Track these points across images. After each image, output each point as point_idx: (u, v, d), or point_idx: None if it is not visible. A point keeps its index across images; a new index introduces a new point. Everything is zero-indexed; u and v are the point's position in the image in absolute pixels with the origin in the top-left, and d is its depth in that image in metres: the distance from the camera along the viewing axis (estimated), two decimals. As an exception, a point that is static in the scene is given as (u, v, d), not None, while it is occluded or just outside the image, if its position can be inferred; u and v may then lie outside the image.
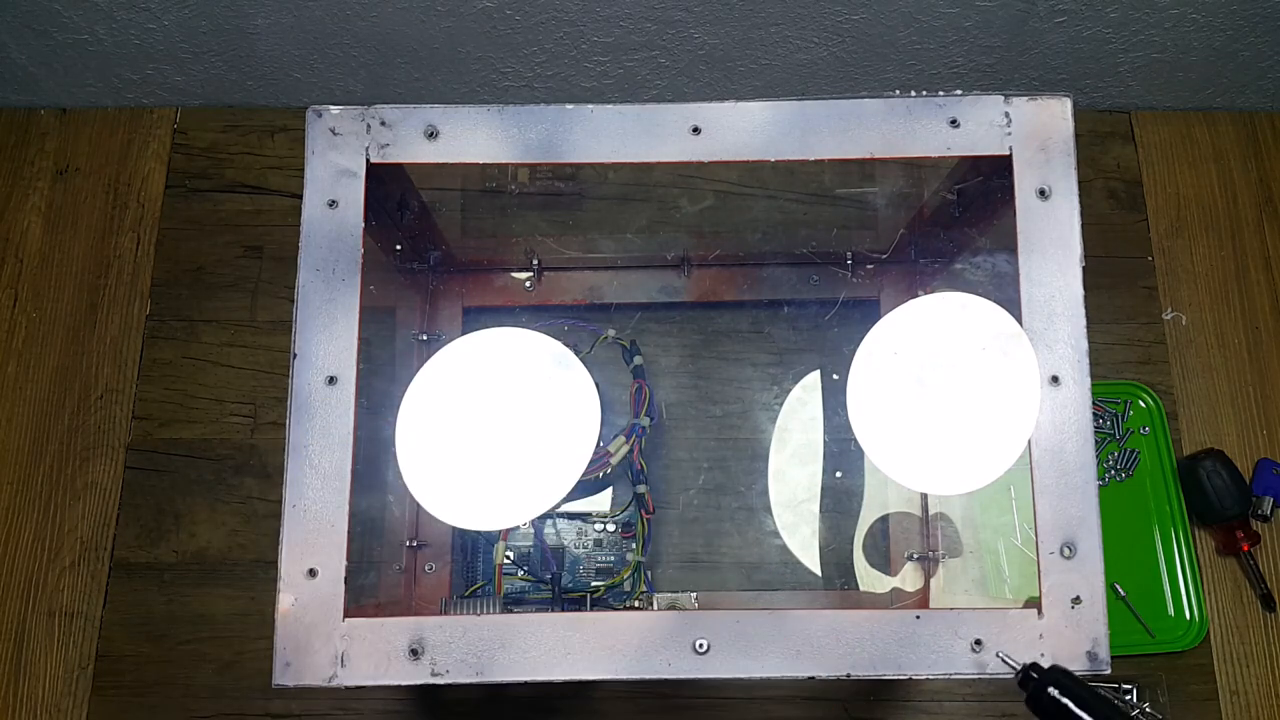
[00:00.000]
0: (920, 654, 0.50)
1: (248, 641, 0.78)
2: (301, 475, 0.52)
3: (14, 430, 0.83)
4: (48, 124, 0.92)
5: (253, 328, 0.86)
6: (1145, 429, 0.82)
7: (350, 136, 0.55)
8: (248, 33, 0.83)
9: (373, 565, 0.65)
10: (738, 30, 0.82)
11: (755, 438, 0.80)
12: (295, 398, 0.53)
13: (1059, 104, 0.55)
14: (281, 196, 0.89)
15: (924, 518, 0.77)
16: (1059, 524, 0.51)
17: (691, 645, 0.50)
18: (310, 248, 0.54)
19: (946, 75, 0.88)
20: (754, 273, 0.81)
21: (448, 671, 0.50)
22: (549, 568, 0.74)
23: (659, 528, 0.79)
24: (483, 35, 0.83)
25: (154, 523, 0.81)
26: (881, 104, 0.55)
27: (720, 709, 0.77)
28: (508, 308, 0.80)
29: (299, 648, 0.50)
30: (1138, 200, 0.90)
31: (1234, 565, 0.80)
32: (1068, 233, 0.54)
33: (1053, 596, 0.50)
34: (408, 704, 0.77)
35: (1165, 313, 0.86)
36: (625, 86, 0.89)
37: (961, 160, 0.58)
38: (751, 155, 0.55)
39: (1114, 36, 0.83)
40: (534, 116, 0.55)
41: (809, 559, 0.78)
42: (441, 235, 0.75)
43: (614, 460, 0.74)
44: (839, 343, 0.78)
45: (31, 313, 0.86)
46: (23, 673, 0.78)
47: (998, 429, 0.54)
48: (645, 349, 0.80)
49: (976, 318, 0.57)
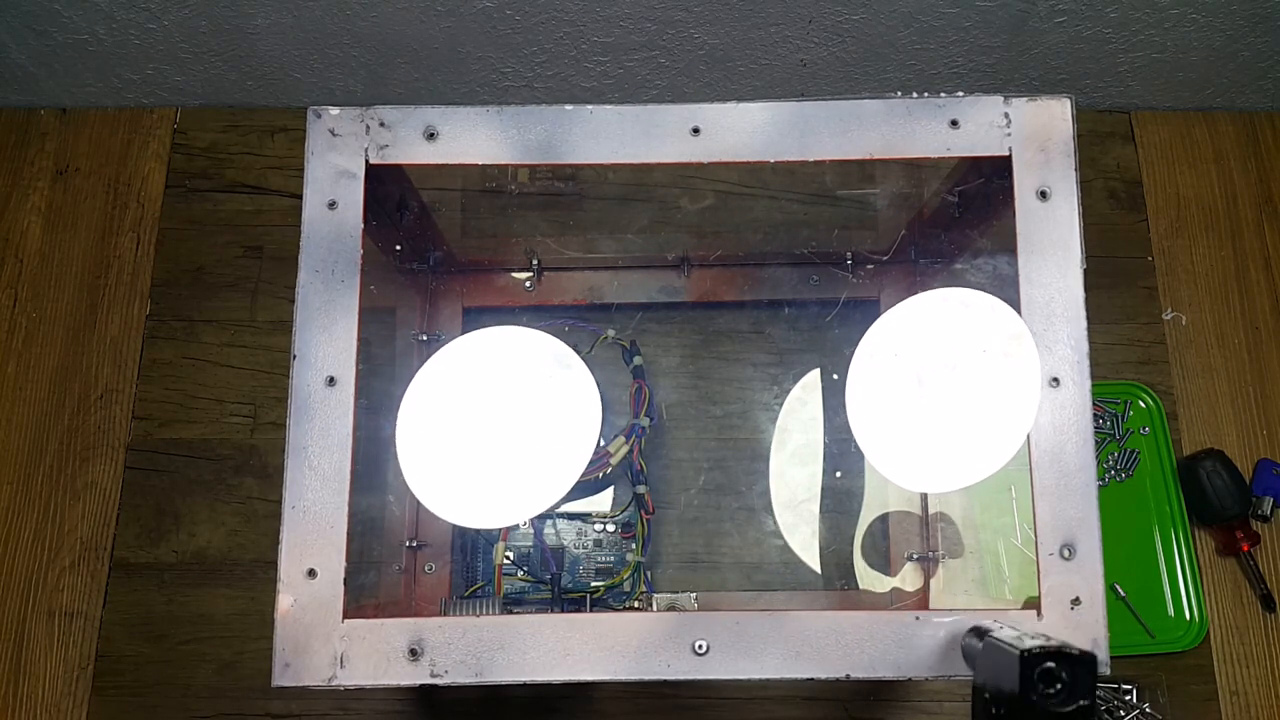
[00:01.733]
0: (920, 655, 0.50)
1: (248, 641, 0.78)
2: (301, 476, 0.52)
3: (14, 430, 0.83)
4: (48, 124, 0.92)
5: (253, 328, 0.86)
6: (1145, 429, 0.82)
7: (350, 137, 0.55)
8: (248, 33, 0.83)
9: (372, 565, 0.65)
10: (738, 30, 0.82)
11: (755, 438, 0.80)
12: (295, 398, 0.53)
13: (1059, 105, 0.55)
14: (281, 196, 0.89)
15: (924, 518, 0.77)
16: (1059, 525, 0.51)
17: (691, 646, 0.50)
18: (310, 248, 0.54)
19: (946, 75, 0.88)
20: (754, 273, 0.81)
21: (447, 672, 0.50)
22: (549, 568, 0.74)
23: (659, 528, 0.79)
24: (483, 35, 0.83)
25: (154, 523, 0.81)
26: (881, 105, 0.55)
27: (720, 709, 0.77)
28: (508, 308, 0.80)
29: (298, 648, 0.50)
30: (1138, 200, 0.90)
31: (1234, 565, 0.80)
32: (1068, 234, 0.54)
33: (1052, 597, 0.50)
34: (407, 704, 0.77)
35: (1165, 313, 0.86)
36: (625, 86, 0.89)
37: (961, 161, 0.58)
38: (751, 156, 0.55)
39: (1114, 36, 0.83)
40: (534, 117, 0.55)
41: (809, 559, 0.78)
42: (441, 235, 0.75)
43: (614, 460, 0.74)
44: (839, 343, 0.78)
45: (31, 313, 0.86)
46: (23, 673, 0.78)
47: (997, 430, 0.54)
48: (645, 349, 0.80)
49: (978, 315, 0.57)
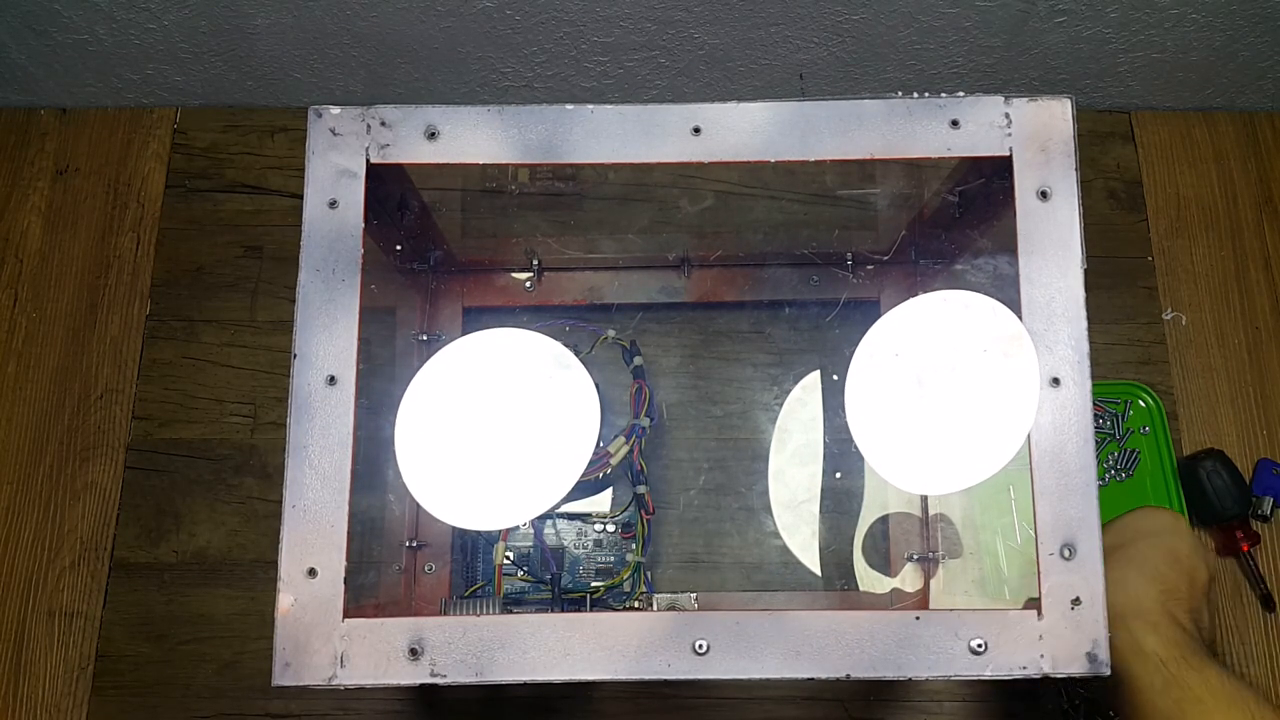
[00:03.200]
0: (920, 655, 0.50)
1: (248, 641, 0.78)
2: (301, 475, 0.52)
3: (14, 430, 0.83)
4: (48, 124, 0.92)
5: (253, 328, 0.86)
6: (1145, 429, 0.82)
7: (350, 137, 0.55)
8: (248, 33, 0.83)
9: (372, 565, 0.65)
10: (738, 30, 0.82)
11: (755, 438, 0.80)
12: (295, 398, 0.52)
13: (1059, 105, 0.55)
14: (281, 196, 0.89)
15: (924, 519, 0.77)
16: (1059, 525, 0.51)
17: (691, 646, 0.50)
18: (310, 248, 0.54)
19: (946, 75, 0.88)
20: (754, 273, 0.81)
21: (447, 672, 0.50)
22: (549, 568, 0.74)
23: (659, 528, 0.79)
24: (483, 35, 0.83)
25: (154, 523, 0.81)
26: (882, 105, 0.55)
27: (720, 709, 0.77)
28: (508, 308, 0.80)
29: (299, 648, 0.50)
30: (1138, 200, 0.90)
31: (1234, 566, 0.80)
32: (1068, 234, 0.54)
33: (1052, 598, 0.50)
34: (407, 704, 0.77)
35: (1165, 313, 0.86)
36: (625, 86, 0.89)
37: (962, 161, 0.58)
38: (751, 156, 0.55)
39: (1114, 36, 0.83)
40: (534, 117, 0.55)
41: (809, 560, 0.78)
42: (441, 235, 0.75)
43: (614, 461, 0.74)
44: (839, 343, 0.78)
45: (31, 313, 0.86)
46: (23, 673, 0.78)
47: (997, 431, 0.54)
48: (645, 349, 0.80)
49: (978, 316, 0.57)
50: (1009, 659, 0.49)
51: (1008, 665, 0.49)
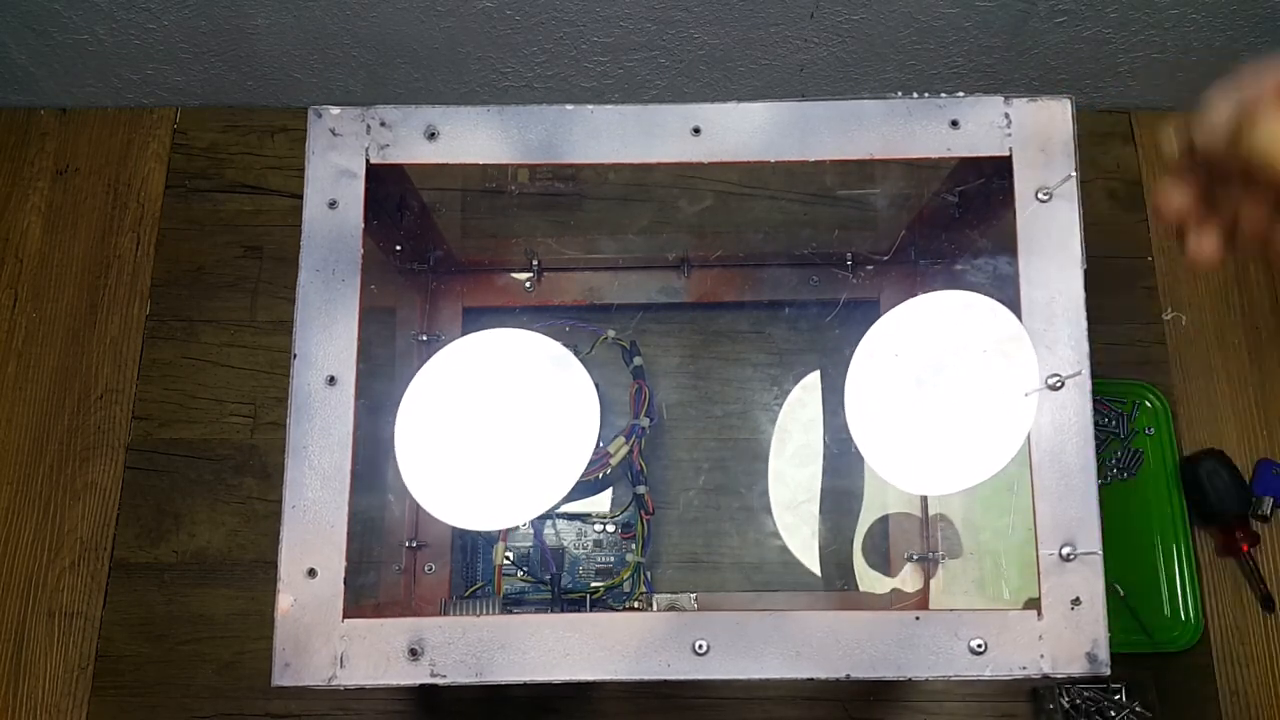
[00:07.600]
0: (920, 655, 0.50)
1: (248, 641, 0.78)
2: (301, 475, 0.52)
3: (14, 430, 0.83)
4: (48, 124, 0.92)
5: (253, 328, 0.86)
6: (1150, 430, 0.82)
7: (350, 137, 0.55)
8: (248, 33, 0.83)
9: (372, 565, 0.65)
10: (738, 30, 0.82)
11: (755, 438, 0.80)
12: (295, 398, 0.53)
13: (1059, 105, 0.55)
14: (281, 196, 0.89)
15: (924, 519, 0.77)
16: (1059, 526, 0.51)
17: (691, 646, 0.50)
18: (310, 248, 0.54)
19: (946, 75, 0.88)
20: (754, 273, 0.81)
21: (447, 672, 0.50)
22: (549, 568, 0.74)
23: (659, 528, 0.79)
24: (483, 35, 0.83)
25: (154, 523, 0.81)
26: (881, 105, 0.55)
27: (720, 709, 0.77)
28: (508, 308, 0.80)
29: (298, 648, 0.50)
30: (1138, 200, 0.90)
31: (1234, 566, 0.80)
32: (1068, 234, 0.54)
33: (1052, 598, 0.50)
34: (407, 704, 0.77)
35: (1165, 313, 0.86)
36: (625, 86, 0.89)
37: (962, 161, 0.58)
38: (751, 156, 0.55)
39: (1114, 36, 0.83)
40: (534, 117, 0.55)
41: (809, 560, 0.78)
42: (441, 235, 0.75)
43: (614, 461, 0.74)
44: (839, 344, 0.78)
45: (31, 313, 0.86)
46: (23, 673, 0.78)
47: (997, 431, 0.54)
48: (645, 349, 0.80)
49: (978, 316, 0.57)
50: (1009, 659, 0.50)
51: (1007, 665, 0.49)
